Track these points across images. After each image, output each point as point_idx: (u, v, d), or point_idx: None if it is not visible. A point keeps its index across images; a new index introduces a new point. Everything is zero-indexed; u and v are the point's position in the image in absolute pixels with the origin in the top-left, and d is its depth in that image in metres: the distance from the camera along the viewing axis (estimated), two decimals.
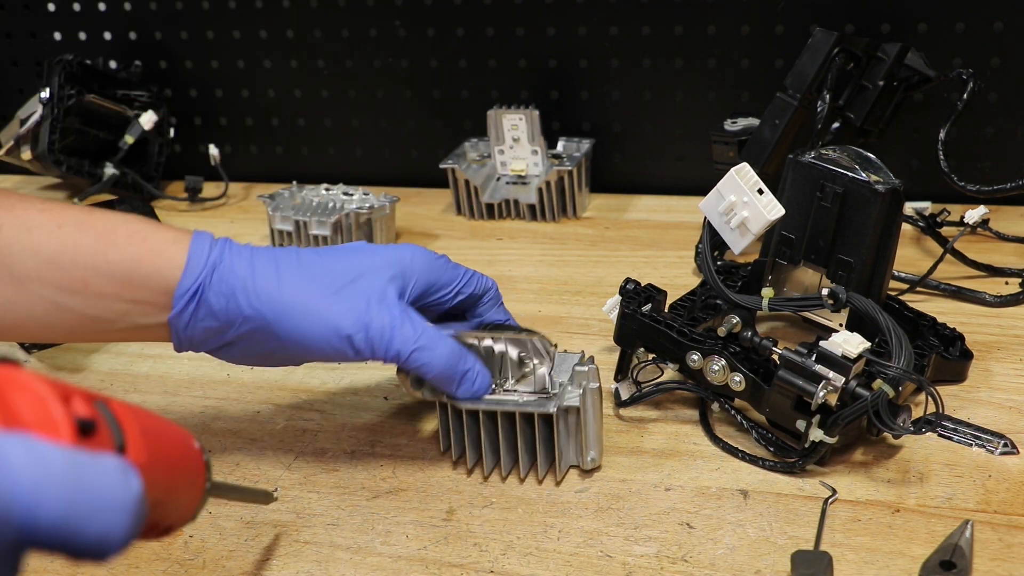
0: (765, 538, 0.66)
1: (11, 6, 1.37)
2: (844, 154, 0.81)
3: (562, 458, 0.73)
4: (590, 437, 0.73)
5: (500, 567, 0.65)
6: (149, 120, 1.30)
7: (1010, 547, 0.64)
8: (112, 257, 0.67)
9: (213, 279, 0.68)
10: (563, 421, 0.72)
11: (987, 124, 1.13)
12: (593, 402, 0.72)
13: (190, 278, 0.68)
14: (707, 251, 0.82)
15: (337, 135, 1.35)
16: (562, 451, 0.73)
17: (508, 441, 0.73)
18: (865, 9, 1.12)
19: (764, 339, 0.75)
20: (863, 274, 0.80)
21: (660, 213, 1.21)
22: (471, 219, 1.21)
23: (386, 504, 0.72)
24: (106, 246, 0.67)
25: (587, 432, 0.72)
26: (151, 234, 0.68)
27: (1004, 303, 0.94)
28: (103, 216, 0.69)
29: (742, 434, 0.77)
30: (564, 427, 0.73)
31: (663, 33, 1.19)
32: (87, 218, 0.68)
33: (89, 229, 0.67)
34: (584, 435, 0.72)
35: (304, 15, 1.29)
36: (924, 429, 0.71)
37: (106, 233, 0.67)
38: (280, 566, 0.66)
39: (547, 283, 1.04)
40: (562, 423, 0.72)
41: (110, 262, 0.67)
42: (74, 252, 0.67)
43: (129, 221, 0.69)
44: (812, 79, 0.96)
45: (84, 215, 0.68)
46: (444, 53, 1.27)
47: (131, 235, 0.68)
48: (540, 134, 1.15)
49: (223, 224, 1.25)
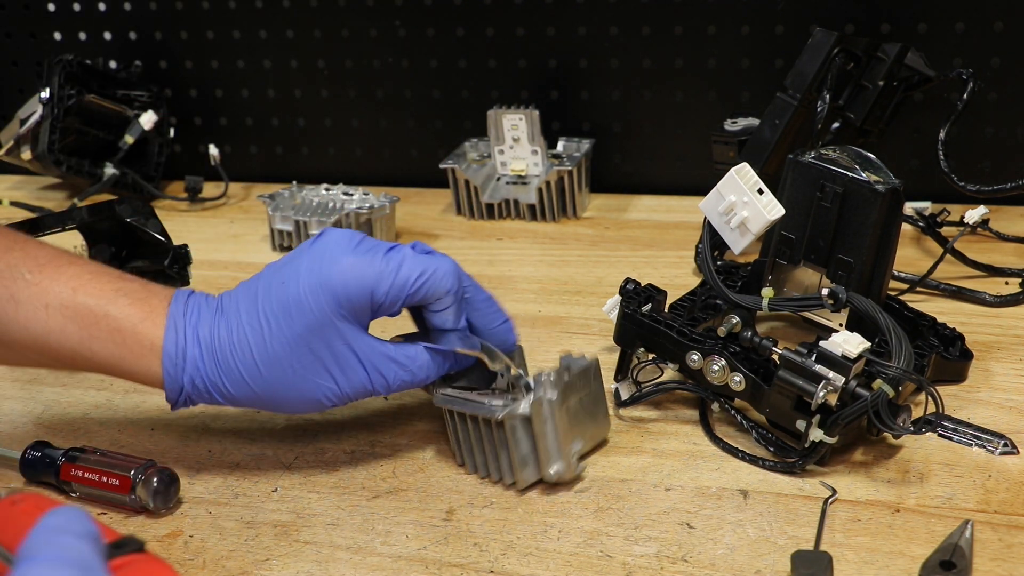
0: (765, 538, 0.66)
1: (11, 6, 1.37)
2: (844, 154, 0.81)
3: (524, 467, 0.71)
4: (549, 449, 0.70)
5: (500, 567, 0.65)
6: (149, 120, 1.30)
7: (1010, 547, 0.64)
8: (96, 350, 0.70)
9: (193, 396, 0.71)
10: (519, 430, 0.70)
11: (987, 124, 1.13)
12: (551, 413, 0.69)
13: (172, 394, 0.71)
14: (707, 251, 0.82)
15: (337, 135, 1.35)
16: (522, 460, 0.71)
17: (477, 442, 0.73)
18: (865, 9, 1.12)
19: (764, 339, 0.75)
20: (863, 274, 0.80)
21: (660, 213, 1.21)
22: (471, 219, 1.21)
23: (386, 504, 0.72)
24: (89, 339, 0.69)
25: (546, 444, 0.70)
26: (129, 335, 0.70)
27: (1004, 303, 0.94)
28: (87, 299, 0.70)
29: (742, 434, 0.77)
30: (523, 435, 0.70)
31: (663, 33, 1.19)
32: (73, 300, 0.69)
33: (73, 317, 0.69)
34: (543, 446, 0.70)
35: (304, 15, 1.29)
36: (924, 429, 0.71)
37: (89, 325, 0.69)
38: (280, 566, 0.66)
39: (547, 283, 1.04)
40: (519, 431, 0.70)
41: (95, 353, 0.70)
42: (60, 336, 0.69)
43: (109, 315, 0.70)
44: (812, 79, 0.96)
45: (70, 296, 0.69)
46: (444, 53, 1.27)
47: (111, 333, 0.70)
48: (540, 134, 1.15)
49: (223, 224, 1.25)
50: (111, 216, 0.99)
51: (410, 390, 0.75)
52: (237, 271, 1.11)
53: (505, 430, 0.70)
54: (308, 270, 0.69)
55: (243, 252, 1.17)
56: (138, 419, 0.83)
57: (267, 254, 1.15)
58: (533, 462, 0.71)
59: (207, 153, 1.32)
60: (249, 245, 1.18)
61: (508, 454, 0.71)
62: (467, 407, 0.72)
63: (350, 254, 0.69)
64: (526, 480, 0.71)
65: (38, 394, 0.88)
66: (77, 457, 0.73)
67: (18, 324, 0.69)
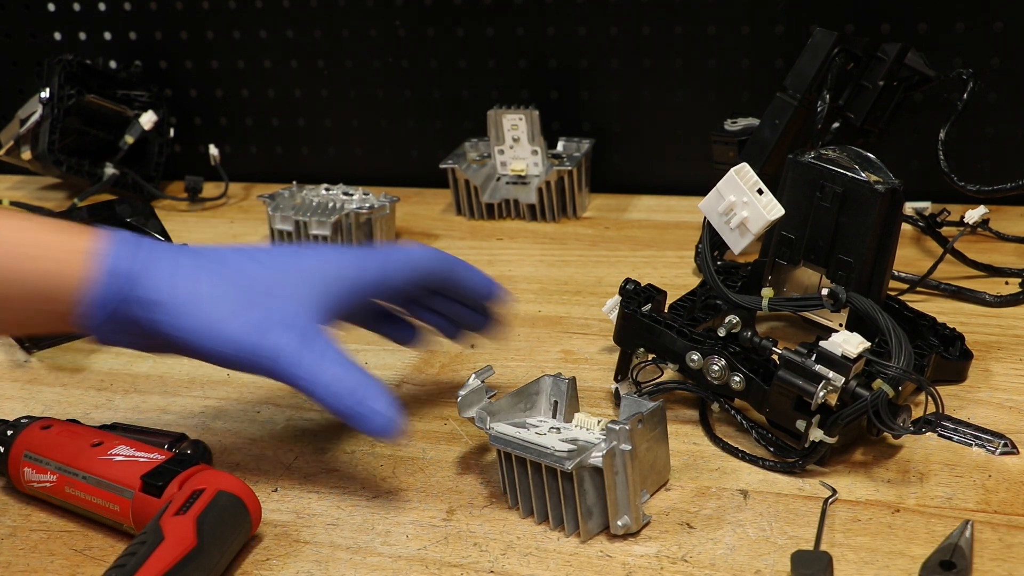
0: (765, 538, 0.66)
1: (11, 6, 1.37)
2: (844, 154, 0.81)
3: (589, 518, 0.66)
4: (619, 502, 0.66)
5: (500, 567, 0.65)
6: (149, 120, 1.30)
7: (1010, 547, 0.64)
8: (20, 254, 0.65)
9: (136, 293, 0.67)
10: (587, 480, 0.66)
11: (987, 124, 1.13)
12: (624, 464, 0.65)
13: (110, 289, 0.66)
14: (707, 251, 0.82)
15: (337, 135, 1.35)
16: (587, 511, 0.66)
17: (536, 488, 0.68)
18: (865, 9, 1.12)
19: (764, 339, 0.75)
20: (863, 274, 0.80)
21: (660, 213, 1.21)
22: (471, 219, 1.21)
23: (386, 504, 0.72)
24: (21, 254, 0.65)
25: (616, 496, 0.65)
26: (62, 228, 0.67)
27: (1004, 303, 0.94)
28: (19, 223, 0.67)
29: (742, 434, 0.77)
30: (590, 486, 0.66)
31: (663, 33, 1.19)
32: None
33: None
34: (612, 498, 0.66)
35: (304, 15, 1.29)
36: (924, 429, 0.71)
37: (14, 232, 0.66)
38: (280, 566, 0.66)
39: (547, 283, 1.04)
40: (587, 482, 0.66)
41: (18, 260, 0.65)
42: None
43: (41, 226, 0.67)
44: (812, 79, 0.96)
45: None
46: (444, 53, 1.27)
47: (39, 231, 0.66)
48: (540, 134, 1.15)
49: (223, 224, 1.25)
50: (111, 216, 0.99)
51: None
52: None
53: (572, 480, 0.66)
54: None
55: None
56: (138, 419, 0.83)
57: None
58: (600, 513, 0.67)
59: (207, 153, 1.32)
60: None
61: (574, 504, 0.66)
62: (529, 453, 0.67)
63: None
64: (591, 532, 0.67)
65: (38, 394, 0.88)
66: None
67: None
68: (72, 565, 0.67)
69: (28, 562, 0.67)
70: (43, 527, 0.71)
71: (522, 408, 0.73)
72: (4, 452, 0.72)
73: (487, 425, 0.70)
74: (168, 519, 0.62)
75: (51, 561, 0.67)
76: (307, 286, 0.70)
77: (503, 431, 0.69)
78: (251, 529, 0.67)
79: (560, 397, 0.74)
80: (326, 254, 0.74)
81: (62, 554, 0.68)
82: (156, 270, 0.67)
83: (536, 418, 0.73)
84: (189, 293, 0.67)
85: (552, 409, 0.74)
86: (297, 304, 0.69)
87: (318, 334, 0.69)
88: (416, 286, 0.76)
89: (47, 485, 0.70)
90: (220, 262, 0.70)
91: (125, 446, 0.70)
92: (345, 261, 0.73)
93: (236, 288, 0.68)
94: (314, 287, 0.70)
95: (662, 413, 0.69)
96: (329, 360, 0.67)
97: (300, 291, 0.70)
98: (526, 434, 0.69)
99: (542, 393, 0.74)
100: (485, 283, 0.78)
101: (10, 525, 0.71)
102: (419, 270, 0.75)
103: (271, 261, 0.71)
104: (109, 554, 0.67)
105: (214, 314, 0.67)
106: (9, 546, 0.69)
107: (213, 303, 0.67)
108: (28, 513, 0.72)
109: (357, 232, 1.11)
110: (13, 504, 0.73)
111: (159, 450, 0.70)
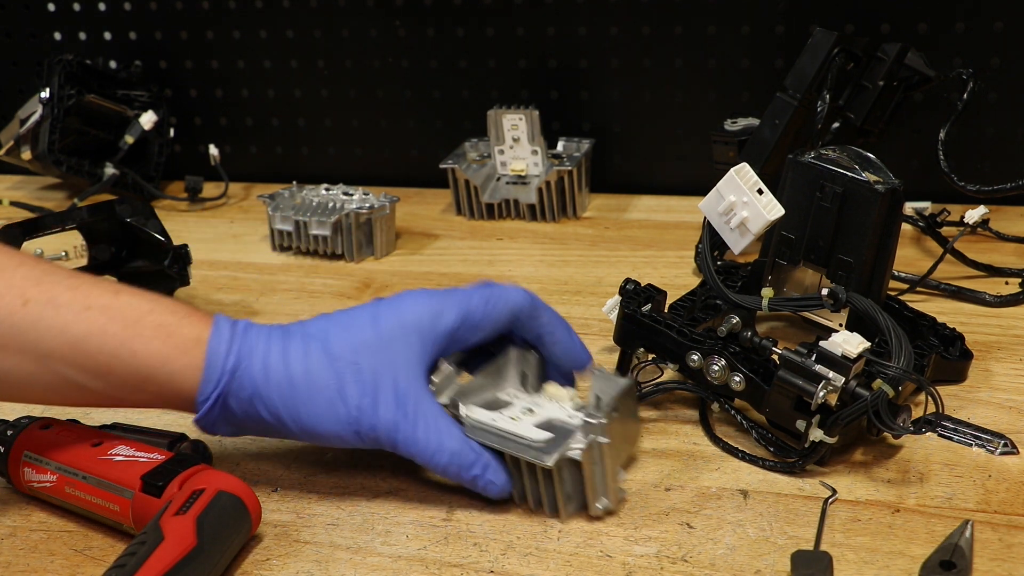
0: (765, 538, 0.66)
1: (11, 6, 1.37)
2: (844, 154, 0.81)
3: (568, 503, 0.69)
4: (597, 488, 0.68)
5: (500, 567, 0.65)
6: (149, 120, 1.30)
7: (1010, 547, 0.64)
8: (137, 349, 0.67)
9: (233, 387, 0.68)
10: (565, 470, 0.68)
11: (987, 124, 1.13)
12: (603, 455, 0.67)
13: (209, 386, 0.68)
14: (707, 251, 0.82)
15: (337, 135, 1.35)
16: (567, 496, 0.68)
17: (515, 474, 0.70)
18: (865, 9, 1.12)
19: (764, 339, 0.75)
20: (863, 274, 0.80)
21: (660, 213, 1.21)
22: (471, 219, 1.21)
23: (386, 504, 0.72)
24: (132, 336, 0.67)
25: (594, 484, 0.68)
26: (176, 329, 0.68)
27: (1004, 303, 0.94)
28: (131, 301, 0.69)
29: (742, 434, 0.77)
30: (568, 476, 0.68)
31: (663, 33, 1.19)
32: (114, 302, 0.68)
33: (116, 316, 0.67)
34: (591, 486, 0.68)
35: (304, 15, 1.29)
36: (924, 429, 0.71)
37: (133, 323, 0.68)
38: (280, 566, 0.66)
39: (547, 283, 1.04)
40: (565, 471, 0.68)
41: (135, 354, 0.67)
42: (100, 337, 0.67)
43: (155, 311, 0.69)
44: (812, 79, 0.96)
45: (111, 298, 0.68)
46: (444, 53, 1.27)
47: (156, 328, 0.68)
48: (540, 134, 1.15)
49: (223, 224, 1.25)
50: (111, 216, 0.99)
51: None
52: (237, 271, 1.11)
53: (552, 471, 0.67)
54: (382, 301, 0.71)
55: (243, 252, 1.17)
56: (138, 419, 0.82)
57: (267, 254, 1.15)
58: (578, 498, 0.69)
59: (207, 153, 1.32)
60: (249, 245, 1.18)
61: (552, 490, 0.68)
62: (508, 446, 0.68)
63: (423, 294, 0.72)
64: (570, 515, 0.69)
65: None
66: None
67: (57, 328, 0.66)
68: (72, 565, 0.67)
69: (28, 562, 0.68)
70: (43, 527, 0.71)
71: (493, 382, 0.74)
72: (4, 452, 0.72)
73: (462, 412, 0.70)
74: (168, 519, 0.62)
75: (51, 561, 0.67)
76: (407, 347, 0.69)
77: (479, 419, 0.70)
78: (251, 529, 0.67)
79: (529, 369, 0.75)
80: (423, 304, 0.71)
81: (62, 554, 0.68)
82: (251, 361, 0.69)
83: (507, 390, 0.74)
84: (284, 381, 0.68)
85: (521, 379, 0.75)
86: (404, 371, 0.69)
87: (428, 402, 0.69)
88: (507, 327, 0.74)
89: (47, 485, 0.70)
90: (318, 339, 0.69)
91: (125, 446, 0.70)
92: (444, 307, 0.71)
93: (336, 367, 0.68)
94: (413, 345, 0.69)
95: (632, 390, 0.72)
96: (444, 434, 0.69)
97: (403, 355, 0.69)
98: (502, 421, 0.70)
99: (510, 364, 0.75)
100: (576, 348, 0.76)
101: (10, 525, 0.71)
102: (515, 312, 0.73)
103: (370, 324, 0.70)
104: (109, 554, 0.67)
105: (317, 401, 0.68)
106: (9, 546, 0.69)
107: (314, 390, 0.68)
108: (28, 513, 0.72)
109: (357, 232, 1.11)
110: (13, 504, 0.73)
111: (159, 450, 0.70)
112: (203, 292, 1.05)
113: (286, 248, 1.15)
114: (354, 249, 1.11)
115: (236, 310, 1.02)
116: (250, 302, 1.04)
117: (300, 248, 1.14)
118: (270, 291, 1.06)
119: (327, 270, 1.11)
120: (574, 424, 0.69)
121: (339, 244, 1.12)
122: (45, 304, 0.67)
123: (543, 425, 0.70)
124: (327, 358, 0.68)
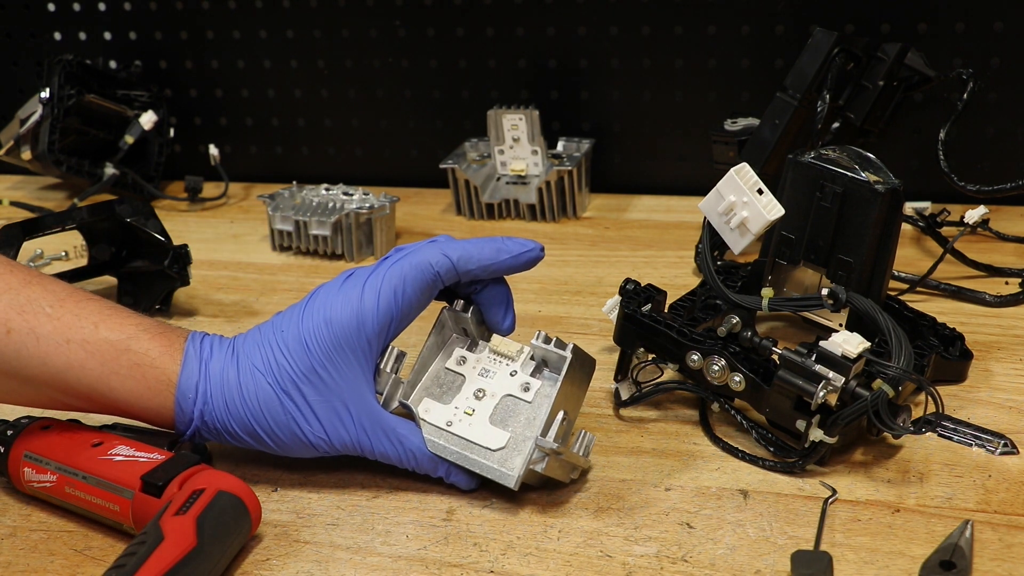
0: (765, 538, 0.66)
1: (11, 6, 1.37)
2: (844, 154, 0.81)
3: None
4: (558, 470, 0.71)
5: (500, 567, 0.65)
6: (149, 120, 1.30)
7: (1010, 547, 0.64)
8: (115, 386, 0.70)
9: (202, 426, 0.72)
10: None
11: (987, 124, 1.13)
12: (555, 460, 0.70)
13: (182, 425, 0.72)
14: (707, 251, 0.82)
15: (337, 135, 1.35)
16: None
17: None
18: (865, 9, 1.12)
19: (764, 339, 0.75)
20: (863, 274, 0.80)
21: (660, 213, 1.21)
22: (471, 219, 1.21)
23: (386, 504, 0.72)
24: (108, 374, 0.69)
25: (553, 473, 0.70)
26: (148, 370, 0.70)
27: (1004, 303, 0.94)
28: (109, 336, 0.70)
29: (742, 434, 0.77)
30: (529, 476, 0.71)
31: (663, 33, 1.19)
32: (94, 336, 0.69)
33: (94, 352, 0.69)
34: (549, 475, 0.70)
35: (304, 15, 1.29)
36: (924, 429, 0.71)
37: (111, 360, 0.69)
38: (280, 566, 0.66)
39: (547, 283, 1.04)
40: None
41: (113, 390, 0.70)
42: (80, 372, 0.69)
43: (131, 349, 0.70)
44: (812, 79, 0.96)
45: (91, 331, 0.69)
46: (444, 53, 1.27)
47: (131, 368, 0.70)
48: (540, 134, 1.15)
49: (223, 224, 1.25)
50: (111, 216, 0.99)
51: None
52: (237, 271, 1.11)
53: None
54: (306, 313, 0.71)
55: (243, 252, 1.17)
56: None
57: (267, 254, 1.15)
58: None
59: (207, 153, 1.32)
60: (249, 245, 1.18)
61: None
62: (469, 463, 0.70)
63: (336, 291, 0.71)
64: None
65: None
66: None
67: (38, 359, 0.68)
68: (72, 565, 0.67)
69: (28, 562, 0.67)
70: (43, 527, 0.71)
71: (438, 353, 0.75)
72: (4, 452, 0.72)
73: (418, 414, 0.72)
74: (168, 519, 0.62)
75: (51, 561, 0.67)
76: (346, 365, 0.70)
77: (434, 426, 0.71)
78: (251, 529, 0.67)
79: (466, 324, 0.75)
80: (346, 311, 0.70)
81: (62, 554, 0.68)
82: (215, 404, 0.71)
83: (454, 354, 0.74)
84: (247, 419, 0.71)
85: (464, 334, 0.75)
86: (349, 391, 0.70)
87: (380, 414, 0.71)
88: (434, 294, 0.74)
89: (47, 485, 0.70)
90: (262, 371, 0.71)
91: (125, 446, 0.70)
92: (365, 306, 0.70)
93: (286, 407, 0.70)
94: (350, 362, 0.70)
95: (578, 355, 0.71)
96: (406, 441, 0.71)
97: (344, 376, 0.70)
98: (458, 424, 0.71)
99: (446, 327, 0.75)
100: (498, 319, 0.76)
101: (10, 525, 0.71)
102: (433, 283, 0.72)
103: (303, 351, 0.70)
104: (109, 554, 0.67)
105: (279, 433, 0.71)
106: (9, 546, 0.69)
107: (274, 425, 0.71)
108: (28, 513, 0.72)
109: (357, 232, 1.11)
110: (13, 504, 0.73)
111: (159, 450, 0.70)
112: (203, 292, 1.05)
113: (286, 248, 1.15)
114: (354, 249, 1.11)
115: (236, 310, 1.02)
116: (250, 302, 1.04)
117: (300, 248, 1.14)
118: (270, 291, 1.06)
119: (327, 270, 1.11)
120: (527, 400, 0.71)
121: (339, 244, 1.12)
122: (27, 334, 0.68)
123: (498, 414, 0.71)
124: (276, 395, 0.70)
